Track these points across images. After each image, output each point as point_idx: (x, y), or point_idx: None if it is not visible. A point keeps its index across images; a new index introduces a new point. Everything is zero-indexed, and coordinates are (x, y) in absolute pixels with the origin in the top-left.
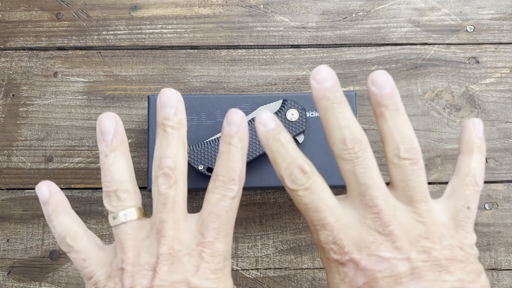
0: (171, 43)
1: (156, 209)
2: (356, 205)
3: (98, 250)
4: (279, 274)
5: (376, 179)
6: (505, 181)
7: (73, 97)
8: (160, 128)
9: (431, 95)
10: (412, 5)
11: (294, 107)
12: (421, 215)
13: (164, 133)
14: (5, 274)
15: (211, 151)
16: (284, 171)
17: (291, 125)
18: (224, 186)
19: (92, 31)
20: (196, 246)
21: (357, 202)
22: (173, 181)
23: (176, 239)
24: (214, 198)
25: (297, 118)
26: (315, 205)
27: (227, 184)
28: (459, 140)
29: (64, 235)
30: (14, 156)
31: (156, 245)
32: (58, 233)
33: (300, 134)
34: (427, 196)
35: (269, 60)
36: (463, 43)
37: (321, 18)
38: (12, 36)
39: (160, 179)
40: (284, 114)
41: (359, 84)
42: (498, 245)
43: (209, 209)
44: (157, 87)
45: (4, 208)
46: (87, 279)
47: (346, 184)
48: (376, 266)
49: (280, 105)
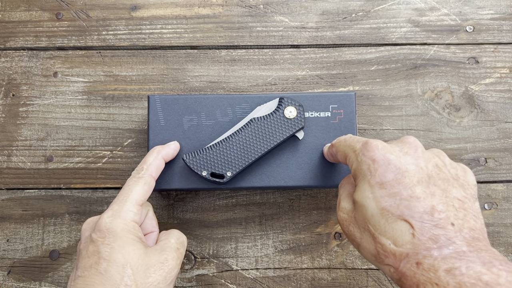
0: (171, 43)
1: None
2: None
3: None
4: (278, 274)
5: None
6: (505, 181)
7: (73, 97)
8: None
9: (431, 95)
10: (412, 5)
11: (291, 104)
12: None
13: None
14: (5, 274)
15: (212, 156)
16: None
17: (289, 123)
18: (135, 171)
19: (92, 31)
20: (104, 212)
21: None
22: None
23: (106, 213)
24: (128, 179)
25: (295, 115)
26: (353, 136)
27: (137, 170)
28: None
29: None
30: (14, 156)
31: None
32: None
33: (300, 131)
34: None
35: (268, 60)
36: (462, 43)
37: (320, 18)
38: (12, 36)
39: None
40: (282, 112)
41: (359, 84)
42: (498, 245)
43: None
44: (157, 87)
45: (4, 208)
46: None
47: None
48: (403, 165)
49: (277, 104)
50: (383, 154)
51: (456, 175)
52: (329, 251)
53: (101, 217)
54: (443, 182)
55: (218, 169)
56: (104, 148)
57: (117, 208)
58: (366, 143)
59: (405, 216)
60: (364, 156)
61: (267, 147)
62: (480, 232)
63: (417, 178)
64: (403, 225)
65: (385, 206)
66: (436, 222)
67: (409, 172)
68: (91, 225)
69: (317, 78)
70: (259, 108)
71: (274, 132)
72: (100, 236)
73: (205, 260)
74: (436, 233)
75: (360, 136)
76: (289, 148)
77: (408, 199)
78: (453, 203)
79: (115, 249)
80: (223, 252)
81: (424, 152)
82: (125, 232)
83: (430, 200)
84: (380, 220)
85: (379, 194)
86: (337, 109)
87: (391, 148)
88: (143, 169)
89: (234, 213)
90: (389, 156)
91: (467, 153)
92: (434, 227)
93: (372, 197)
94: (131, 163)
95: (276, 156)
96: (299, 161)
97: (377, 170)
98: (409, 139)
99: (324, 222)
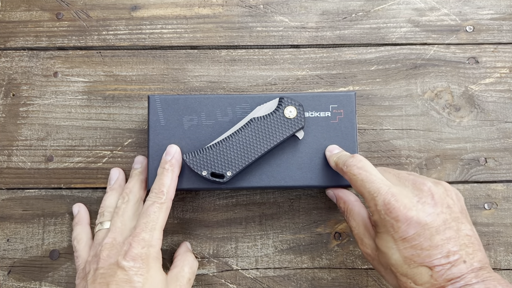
0: (171, 43)
1: (113, 215)
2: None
3: (87, 252)
4: (278, 274)
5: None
6: (505, 181)
7: (73, 97)
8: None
9: (431, 95)
10: (412, 5)
11: (291, 104)
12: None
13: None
14: (5, 273)
15: (212, 156)
16: (338, 159)
17: (289, 123)
18: (155, 196)
19: (92, 31)
20: (129, 237)
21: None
22: (126, 200)
23: (120, 234)
24: (147, 204)
25: (295, 115)
26: (370, 178)
27: (157, 194)
28: None
29: (74, 238)
30: (14, 156)
31: (105, 239)
32: (72, 237)
33: (300, 131)
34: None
35: (269, 60)
36: (462, 43)
37: (320, 18)
38: (12, 36)
39: (120, 197)
40: (281, 112)
41: (359, 84)
42: (498, 245)
43: (143, 211)
44: (157, 87)
45: (4, 208)
46: (77, 268)
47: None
48: (424, 219)
49: (277, 104)
50: (405, 213)
51: (461, 208)
52: (329, 251)
53: (133, 247)
54: (455, 222)
55: (218, 169)
56: (104, 148)
57: (148, 238)
58: (388, 204)
59: (426, 263)
60: (388, 216)
61: (267, 147)
62: (484, 260)
63: (435, 228)
64: (423, 269)
65: (408, 255)
66: (452, 263)
67: (428, 225)
68: (114, 252)
69: (317, 78)
70: (259, 108)
71: (274, 132)
72: (134, 266)
73: (205, 260)
74: (451, 272)
75: (360, 136)
76: (289, 148)
77: (428, 249)
78: (464, 242)
79: (147, 280)
80: (223, 252)
81: (438, 194)
82: (155, 261)
83: (446, 246)
84: (403, 265)
85: (402, 246)
86: (337, 109)
87: (410, 204)
88: (164, 194)
89: (234, 213)
90: (410, 214)
91: (467, 153)
92: (450, 268)
93: (396, 248)
94: (131, 163)
95: (276, 156)
96: (299, 161)
97: (400, 228)
98: (424, 187)
99: (324, 222)
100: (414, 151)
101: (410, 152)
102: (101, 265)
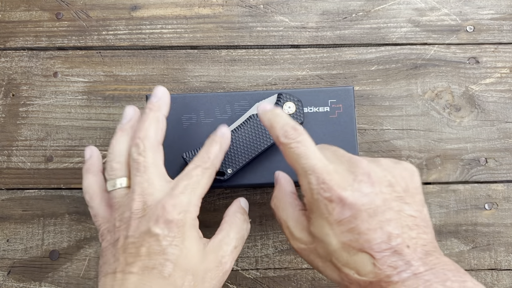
0: (171, 43)
1: (133, 174)
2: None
3: (106, 209)
4: (279, 274)
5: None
6: (505, 181)
7: (73, 97)
8: (142, 111)
9: (431, 95)
10: (412, 5)
11: (290, 100)
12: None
13: (143, 113)
14: (5, 274)
15: None
16: (279, 130)
17: None
18: (200, 160)
19: (92, 31)
20: (164, 198)
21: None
22: (142, 149)
23: (150, 195)
24: (190, 167)
25: (294, 110)
26: (306, 154)
27: (203, 158)
28: None
29: (85, 191)
30: (14, 156)
31: (132, 202)
32: (83, 188)
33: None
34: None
35: (269, 60)
36: (463, 43)
37: (321, 18)
38: (12, 36)
39: (132, 148)
40: (280, 107)
41: (359, 84)
42: (498, 245)
43: (184, 173)
44: None
45: (4, 208)
46: (98, 230)
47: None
48: (360, 200)
49: (275, 99)
50: (339, 193)
51: (406, 186)
52: None
53: (168, 211)
54: (397, 202)
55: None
56: (104, 148)
57: (186, 202)
58: (323, 182)
59: (365, 248)
60: (320, 196)
61: (267, 143)
62: (431, 243)
63: (373, 209)
64: (364, 256)
65: (345, 241)
66: (394, 248)
67: (364, 205)
68: (146, 218)
69: (317, 78)
70: (258, 105)
71: None
72: (169, 235)
73: None
74: (395, 259)
75: (360, 136)
76: None
77: (366, 233)
78: (407, 223)
79: (182, 252)
80: None
81: (376, 172)
82: (192, 229)
83: (386, 228)
84: (342, 253)
85: (339, 230)
86: (335, 104)
87: (345, 183)
88: (210, 159)
89: None
90: (344, 194)
91: (467, 153)
92: (392, 254)
93: (332, 234)
94: None
95: (277, 153)
96: None
97: (334, 209)
98: (361, 164)
99: None
100: (414, 151)
101: (411, 152)
102: (131, 233)
